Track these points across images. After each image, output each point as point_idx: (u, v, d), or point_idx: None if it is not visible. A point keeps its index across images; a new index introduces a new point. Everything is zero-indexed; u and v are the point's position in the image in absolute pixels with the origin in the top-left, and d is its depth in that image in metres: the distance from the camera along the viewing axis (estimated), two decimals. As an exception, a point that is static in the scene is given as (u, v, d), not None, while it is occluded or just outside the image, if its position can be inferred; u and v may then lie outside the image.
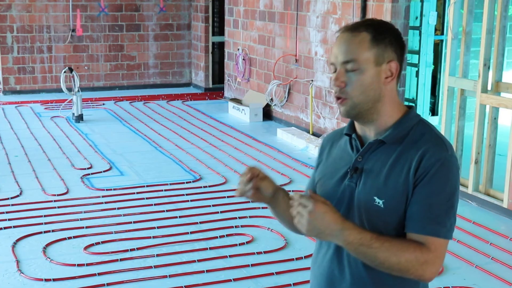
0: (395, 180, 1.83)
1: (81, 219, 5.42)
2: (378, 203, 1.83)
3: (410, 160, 1.82)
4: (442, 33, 8.66)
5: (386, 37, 1.85)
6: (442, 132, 6.19)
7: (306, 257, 4.71)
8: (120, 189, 6.23)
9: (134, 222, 5.40)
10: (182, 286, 4.28)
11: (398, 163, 1.84)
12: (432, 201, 1.79)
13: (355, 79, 1.83)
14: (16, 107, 10.22)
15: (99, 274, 4.43)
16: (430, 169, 1.79)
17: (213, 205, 5.80)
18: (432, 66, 8.16)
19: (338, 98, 1.87)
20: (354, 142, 1.94)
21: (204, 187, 6.30)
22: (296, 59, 8.76)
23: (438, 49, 8.72)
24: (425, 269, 1.77)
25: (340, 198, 1.91)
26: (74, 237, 5.05)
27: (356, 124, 1.97)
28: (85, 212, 5.60)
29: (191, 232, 5.18)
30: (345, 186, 1.91)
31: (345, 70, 1.84)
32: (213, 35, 11.91)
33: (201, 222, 5.42)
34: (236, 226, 5.31)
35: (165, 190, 6.21)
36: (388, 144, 1.87)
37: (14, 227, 5.24)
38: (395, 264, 1.76)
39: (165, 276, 4.42)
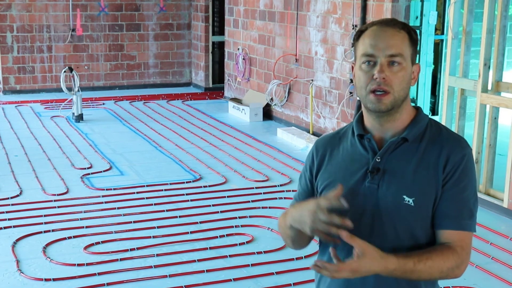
0: (423, 178, 1.85)
1: (81, 219, 5.42)
2: (408, 201, 1.84)
3: (435, 158, 1.86)
4: (442, 33, 8.65)
5: (417, 40, 1.92)
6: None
7: (306, 257, 4.70)
8: (120, 189, 6.23)
9: (134, 222, 5.40)
10: (182, 286, 4.28)
11: (424, 161, 1.86)
12: (463, 197, 1.85)
13: (400, 74, 1.84)
14: (16, 106, 10.21)
15: (99, 274, 4.43)
16: (458, 166, 1.84)
17: (213, 205, 5.80)
18: (432, 66, 8.16)
19: (378, 91, 1.83)
20: (368, 143, 1.92)
21: (204, 187, 6.30)
22: (296, 59, 8.75)
23: (438, 48, 8.72)
24: (460, 268, 1.85)
25: (361, 201, 1.89)
26: (74, 237, 5.05)
27: (368, 125, 1.94)
28: (85, 212, 5.60)
29: (191, 232, 5.18)
30: (365, 188, 1.89)
31: (387, 63, 1.83)
32: (213, 34, 11.90)
33: (201, 222, 5.42)
34: (236, 226, 5.31)
35: (165, 190, 6.21)
36: (410, 142, 1.89)
37: (14, 227, 5.23)
38: (438, 276, 1.83)
39: (165, 276, 4.41)
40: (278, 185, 6.35)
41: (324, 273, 1.73)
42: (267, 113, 9.58)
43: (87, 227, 5.25)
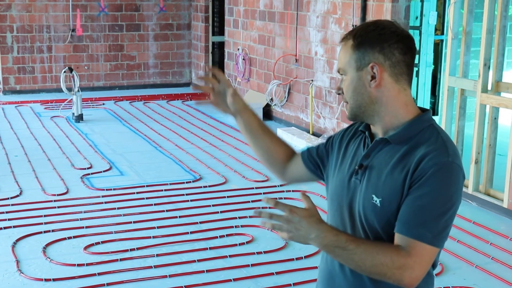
0: (394, 180, 1.83)
1: (81, 219, 5.42)
2: (376, 201, 1.85)
3: (410, 162, 1.82)
4: (442, 33, 8.66)
5: (365, 40, 1.86)
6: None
7: (306, 257, 4.71)
8: (120, 189, 6.23)
9: (134, 222, 5.40)
10: (182, 286, 4.28)
11: (400, 164, 1.84)
12: (423, 204, 1.77)
13: (345, 84, 1.93)
14: (16, 107, 10.21)
15: (99, 274, 4.43)
16: (426, 172, 1.77)
17: (213, 205, 5.80)
18: (432, 66, 8.15)
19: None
20: (366, 140, 1.98)
21: (204, 187, 6.30)
22: (296, 59, 8.76)
23: (438, 49, 8.72)
24: (403, 274, 1.75)
25: (346, 194, 1.95)
26: (74, 237, 5.05)
27: None
28: (85, 212, 5.60)
29: (191, 232, 5.18)
30: (351, 182, 1.95)
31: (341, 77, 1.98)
32: (213, 35, 11.90)
33: (201, 222, 5.42)
34: (236, 226, 5.31)
35: (165, 190, 6.21)
36: (393, 144, 1.88)
37: (14, 227, 5.23)
38: (371, 267, 1.76)
39: (165, 276, 4.42)
40: (278, 185, 6.35)
41: (270, 202, 1.79)
42: (267, 113, 9.58)
43: (87, 227, 5.25)
